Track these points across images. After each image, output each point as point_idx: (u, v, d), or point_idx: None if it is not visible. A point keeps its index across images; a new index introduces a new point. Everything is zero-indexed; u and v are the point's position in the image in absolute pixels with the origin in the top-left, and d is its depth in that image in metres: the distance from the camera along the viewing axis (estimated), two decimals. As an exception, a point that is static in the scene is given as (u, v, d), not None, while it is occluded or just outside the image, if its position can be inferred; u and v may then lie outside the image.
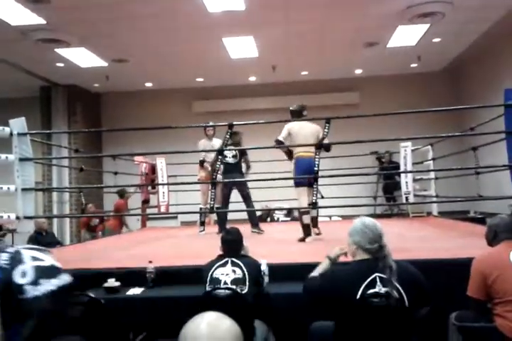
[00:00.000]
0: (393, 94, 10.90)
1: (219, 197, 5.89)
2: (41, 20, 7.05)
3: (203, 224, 6.73)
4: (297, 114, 5.40)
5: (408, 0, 6.92)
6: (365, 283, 2.18)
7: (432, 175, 7.97)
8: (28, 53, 8.44)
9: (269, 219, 9.36)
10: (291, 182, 5.48)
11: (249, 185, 6.85)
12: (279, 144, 5.24)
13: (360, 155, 8.90)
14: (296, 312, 2.98)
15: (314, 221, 5.36)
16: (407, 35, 8.33)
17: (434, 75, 10.98)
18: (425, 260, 3.34)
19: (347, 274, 2.29)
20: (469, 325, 2.68)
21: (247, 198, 6.17)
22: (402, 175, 7.72)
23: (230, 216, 6.36)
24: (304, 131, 5.22)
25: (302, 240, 5.12)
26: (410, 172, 7.42)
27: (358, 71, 10.69)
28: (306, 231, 5.17)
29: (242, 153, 6.14)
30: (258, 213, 9.01)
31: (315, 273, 2.55)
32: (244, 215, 7.02)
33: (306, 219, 5.18)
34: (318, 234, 5.33)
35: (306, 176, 5.02)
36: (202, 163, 6.61)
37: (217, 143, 6.45)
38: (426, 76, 10.95)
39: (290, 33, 8.01)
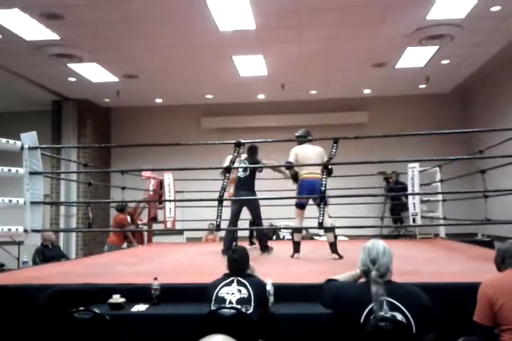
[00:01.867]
0: (401, 114, 10.93)
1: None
2: (55, 36, 7.18)
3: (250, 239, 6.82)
4: (302, 138, 5.59)
5: (418, 22, 6.99)
6: (370, 306, 2.17)
7: (440, 197, 7.93)
8: (41, 68, 8.57)
9: (274, 237, 9.32)
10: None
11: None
12: (289, 165, 5.45)
13: (368, 175, 8.89)
14: (301, 334, 2.96)
15: (333, 246, 5.31)
16: (415, 57, 8.38)
17: (443, 97, 11.02)
18: (432, 283, 3.31)
19: (352, 296, 2.29)
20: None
21: (255, 218, 6.02)
22: (410, 196, 7.69)
23: (240, 233, 6.34)
24: (310, 154, 5.42)
25: (292, 256, 5.44)
26: (418, 194, 7.40)
27: (367, 91, 10.75)
28: (296, 248, 5.51)
29: (255, 166, 5.88)
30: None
31: (338, 276, 2.59)
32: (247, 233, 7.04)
33: (297, 237, 5.58)
34: (339, 257, 5.24)
35: (306, 196, 5.27)
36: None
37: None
38: (434, 97, 10.99)
39: (300, 52, 8.09)
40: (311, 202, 5.49)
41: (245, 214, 6.09)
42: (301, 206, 5.53)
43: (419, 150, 9.63)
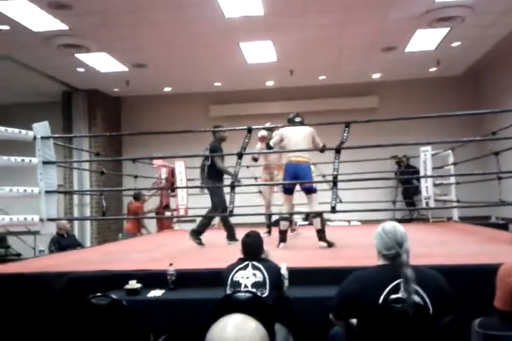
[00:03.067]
0: (412, 98, 10.82)
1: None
2: (63, 26, 7.17)
3: (268, 227, 6.59)
4: (291, 121, 5.51)
5: (427, 4, 6.88)
6: (388, 288, 2.17)
7: (453, 179, 7.88)
8: (49, 59, 8.58)
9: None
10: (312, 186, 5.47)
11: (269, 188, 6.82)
12: (269, 149, 5.58)
13: (380, 159, 8.84)
14: (316, 317, 2.98)
15: (320, 233, 5.06)
16: (426, 40, 8.27)
17: (454, 80, 10.88)
18: (446, 266, 3.31)
19: (370, 278, 2.28)
20: (493, 334, 2.63)
21: (212, 206, 5.79)
22: (422, 179, 7.64)
23: (248, 219, 6.33)
24: (295, 137, 5.25)
25: (277, 246, 5.11)
26: (431, 176, 7.35)
27: (376, 75, 10.65)
28: (281, 236, 5.21)
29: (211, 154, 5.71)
30: (276, 217, 9.04)
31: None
32: (261, 219, 7.07)
33: (283, 226, 5.25)
34: (328, 245, 5.01)
35: (296, 181, 5.15)
36: (255, 160, 6.50)
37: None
38: (445, 80, 10.86)
39: (308, 37, 8.02)
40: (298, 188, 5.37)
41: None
42: (287, 191, 5.30)
43: (431, 134, 9.54)
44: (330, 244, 4.99)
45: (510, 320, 2.50)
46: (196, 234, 5.59)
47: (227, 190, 5.23)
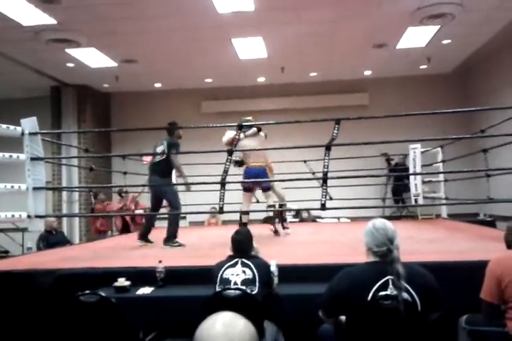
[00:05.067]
0: (402, 95, 10.87)
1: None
2: (52, 21, 7.09)
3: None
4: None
5: (418, 1, 6.89)
6: (377, 285, 2.17)
7: (442, 177, 7.93)
8: (38, 53, 8.49)
9: (277, 219, 9.35)
10: (301, 183, 5.53)
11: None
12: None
13: (370, 156, 8.88)
14: (306, 314, 2.98)
15: (268, 220, 6.36)
16: (416, 37, 8.29)
17: (444, 77, 10.93)
18: (435, 262, 3.33)
19: (358, 275, 2.28)
20: (479, 329, 2.66)
21: (170, 206, 5.52)
22: (411, 177, 7.68)
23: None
24: (253, 144, 5.87)
25: None
26: (420, 174, 7.39)
27: (368, 72, 10.67)
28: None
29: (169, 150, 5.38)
30: (269, 214, 9.04)
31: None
32: (255, 216, 7.09)
33: (245, 218, 5.93)
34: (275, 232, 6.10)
35: (257, 180, 5.76)
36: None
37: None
38: (435, 77, 10.91)
39: (299, 33, 8.00)
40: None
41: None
42: (247, 189, 6.00)
43: (421, 132, 9.58)
44: (275, 231, 6.03)
45: (495, 312, 2.53)
46: (171, 239, 5.26)
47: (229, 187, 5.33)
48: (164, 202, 5.59)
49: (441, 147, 7.75)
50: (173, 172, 5.86)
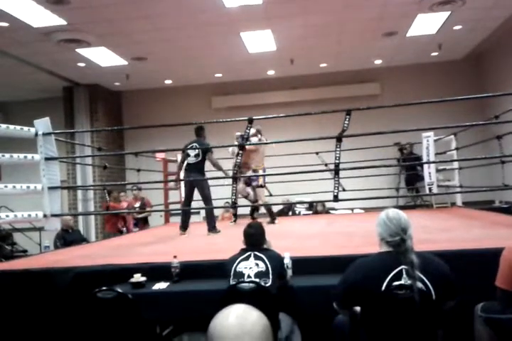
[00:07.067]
0: (414, 83, 10.75)
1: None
2: (62, 21, 7.15)
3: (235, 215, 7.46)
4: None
5: (427, -12, 6.82)
6: (391, 275, 2.17)
7: (456, 165, 7.84)
8: (50, 54, 8.57)
9: (290, 212, 9.37)
10: (313, 175, 5.52)
11: (271, 178, 6.88)
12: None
13: (383, 146, 8.81)
14: (321, 306, 2.99)
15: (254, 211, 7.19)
16: (427, 24, 8.19)
17: (456, 63, 10.79)
18: (450, 251, 3.31)
19: (372, 265, 2.27)
20: (496, 317, 2.64)
21: (205, 199, 6.03)
22: (425, 165, 7.61)
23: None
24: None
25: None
26: (433, 162, 7.32)
27: (378, 61, 10.57)
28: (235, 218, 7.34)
29: (205, 151, 6.03)
30: (280, 207, 9.06)
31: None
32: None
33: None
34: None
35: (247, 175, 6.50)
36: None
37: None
38: (447, 64, 10.77)
39: (308, 25, 7.95)
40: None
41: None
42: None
43: (434, 120, 9.48)
44: (273, 219, 6.73)
45: (511, 299, 2.51)
46: (213, 228, 5.98)
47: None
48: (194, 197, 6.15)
49: (454, 134, 7.66)
50: None
